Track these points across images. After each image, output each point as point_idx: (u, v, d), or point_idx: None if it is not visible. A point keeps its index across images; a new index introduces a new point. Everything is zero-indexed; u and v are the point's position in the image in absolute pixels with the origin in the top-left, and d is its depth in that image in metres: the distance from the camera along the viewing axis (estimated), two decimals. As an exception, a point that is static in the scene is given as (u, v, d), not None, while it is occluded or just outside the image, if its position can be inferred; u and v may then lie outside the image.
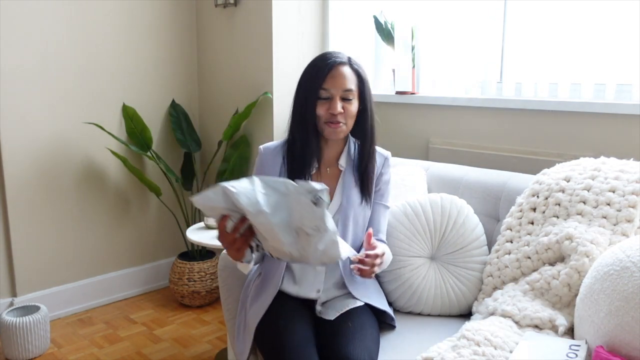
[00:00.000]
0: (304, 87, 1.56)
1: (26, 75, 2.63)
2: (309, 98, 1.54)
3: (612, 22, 2.01)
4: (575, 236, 1.51)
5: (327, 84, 1.53)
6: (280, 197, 1.26)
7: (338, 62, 1.54)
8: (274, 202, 1.26)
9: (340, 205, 1.61)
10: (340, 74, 1.53)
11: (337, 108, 1.52)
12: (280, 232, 1.28)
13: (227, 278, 1.82)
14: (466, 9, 2.42)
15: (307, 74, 1.57)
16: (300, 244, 1.30)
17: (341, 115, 1.54)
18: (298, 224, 1.27)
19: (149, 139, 2.94)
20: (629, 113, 1.93)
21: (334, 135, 1.57)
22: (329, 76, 1.52)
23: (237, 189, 1.24)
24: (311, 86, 1.54)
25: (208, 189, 1.28)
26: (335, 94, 1.53)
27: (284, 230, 1.28)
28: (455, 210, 1.77)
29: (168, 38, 3.11)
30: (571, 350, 1.27)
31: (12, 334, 2.40)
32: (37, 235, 2.75)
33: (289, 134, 1.62)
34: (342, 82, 1.53)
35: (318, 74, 1.53)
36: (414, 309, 1.76)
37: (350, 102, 1.55)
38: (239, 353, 1.65)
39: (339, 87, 1.53)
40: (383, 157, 1.71)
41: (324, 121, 1.55)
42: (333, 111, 1.53)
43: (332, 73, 1.52)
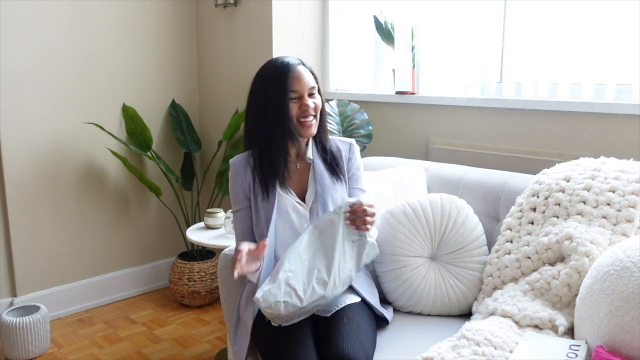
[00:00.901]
0: (272, 96, 1.59)
1: (26, 75, 2.63)
2: (281, 103, 1.58)
3: (612, 22, 2.01)
4: (575, 236, 1.51)
5: (295, 86, 1.59)
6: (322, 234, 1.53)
7: (296, 63, 1.61)
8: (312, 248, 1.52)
9: (316, 193, 1.66)
10: (302, 74, 1.61)
11: (309, 104, 1.60)
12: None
13: (227, 278, 1.82)
14: (466, 9, 2.42)
15: (268, 82, 1.60)
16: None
17: (312, 109, 1.61)
18: (341, 241, 1.51)
19: (149, 139, 2.94)
20: (629, 113, 1.93)
21: (309, 132, 1.64)
22: (293, 78, 1.59)
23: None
24: (279, 92, 1.58)
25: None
26: (303, 93, 1.60)
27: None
28: (455, 210, 1.77)
29: (168, 38, 3.11)
30: (571, 350, 1.27)
31: (12, 334, 2.40)
32: (37, 235, 2.75)
33: (252, 144, 1.66)
34: (305, 81, 1.61)
35: (282, 79, 1.58)
36: (414, 308, 1.76)
37: (316, 97, 1.64)
38: (237, 353, 1.65)
39: (305, 86, 1.60)
40: (347, 143, 1.77)
41: (298, 120, 1.61)
42: (306, 107, 1.60)
43: (294, 75, 1.59)
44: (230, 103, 3.07)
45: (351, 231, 1.53)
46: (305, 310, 1.49)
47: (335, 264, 1.49)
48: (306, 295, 1.45)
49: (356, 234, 1.53)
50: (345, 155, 1.74)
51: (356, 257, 1.55)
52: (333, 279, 1.49)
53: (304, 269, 1.47)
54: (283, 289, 1.43)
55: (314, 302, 1.47)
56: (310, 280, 1.47)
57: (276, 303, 1.42)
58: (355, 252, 1.55)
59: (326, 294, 1.48)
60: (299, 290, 1.45)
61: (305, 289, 1.46)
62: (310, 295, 1.46)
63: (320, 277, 1.48)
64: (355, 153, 1.76)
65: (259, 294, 1.42)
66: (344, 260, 1.51)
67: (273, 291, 1.42)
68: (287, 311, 1.44)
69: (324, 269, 1.49)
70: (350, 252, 1.54)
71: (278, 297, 1.42)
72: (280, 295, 1.42)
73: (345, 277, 1.53)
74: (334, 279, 1.49)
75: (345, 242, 1.52)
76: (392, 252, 1.75)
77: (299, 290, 1.44)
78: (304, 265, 1.48)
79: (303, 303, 1.45)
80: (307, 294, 1.46)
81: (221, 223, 2.48)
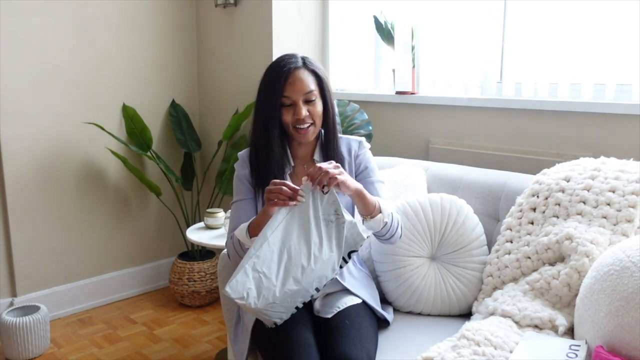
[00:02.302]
0: (265, 98, 1.57)
1: (26, 76, 2.63)
2: (272, 108, 1.55)
3: (612, 22, 2.01)
4: (575, 236, 1.51)
5: (288, 92, 1.54)
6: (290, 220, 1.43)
7: (293, 67, 1.55)
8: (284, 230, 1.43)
9: None
10: (298, 79, 1.55)
11: (301, 113, 1.55)
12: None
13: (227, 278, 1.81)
14: (466, 9, 2.42)
15: (265, 84, 1.58)
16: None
17: (308, 117, 1.57)
18: (315, 220, 1.43)
19: (149, 139, 2.94)
20: (628, 113, 1.93)
21: (304, 139, 1.60)
22: (288, 83, 1.54)
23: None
24: (272, 96, 1.55)
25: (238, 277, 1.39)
26: (297, 99, 1.55)
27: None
28: (455, 210, 1.77)
29: (168, 38, 3.11)
30: (571, 350, 1.27)
31: (12, 334, 2.40)
32: (37, 235, 2.75)
33: (251, 142, 1.64)
34: (301, 86, 1.55)
35: (276, 83, 1.54)
36: (414, 308, 1.76)
37: (314, 103, 1.58)
38: (237, 353, 1.65)
39: (300, 92, 1.55)
40: (357, 141, 1.73)
41: (292, 127, 1.58)
42: (298, 116, 1.55)
43: (289, 80, 1.54)
44: (230, 103, 3.07)
45: (326, 209, 1.43)
46: (287, 301, 1.40)
47: (310, 244, 1.41)
48: (279, 278, 1.38)
49: (333, 213, 1.43)
50: (355, 152, 1.71)
51: (336, 240, 1.44)
52: (310, 260, 1.40)
53: (272, 252, 1.39)
54: (251, 275, 1.36)
55: (291, 286, 1.39)
56: (280, 262, 1.39)
57: (247, 291, 1.35)
58: (335, 234, 1.44)
59: (302, 279, 1.39)
60: (269, 274, 1.37)
61: (277, 272, 1.38)
62: (284, 278, 1.38)
63: (293, 259, 1.40)
64: (364, 149, 1.73)
65: (227, 287, 1.35)
66: (319, 241, 1.42)
67: (240, 279, 1.36)
68: (264, 299, 1.36)
69: (297, 250, 1.40)
70: (328, 234, 1.44)
71: (247, 284, 1.35)
72: (249, 282, 1.36)
73: (326, 260, 1.42)
74: (311, 261, 1.40)
75: (321, 221, 1.43)
76: (392, 252, 1.75)
77: (268, 273, 1.37)
78: (272, 248, 1.39)
79: (276, 286, 1.37)
80: (280, 277, 1.38)
81: (221, 223, 2.48)
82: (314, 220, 1.43)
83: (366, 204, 1.52)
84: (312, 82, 1.57)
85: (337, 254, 1.45)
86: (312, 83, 1.57)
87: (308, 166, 1.68)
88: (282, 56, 1.61)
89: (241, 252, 1.55)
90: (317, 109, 1.59)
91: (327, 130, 1.66)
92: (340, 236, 1.44)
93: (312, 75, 1.58)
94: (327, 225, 1.45)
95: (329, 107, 1.63)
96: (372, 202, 1.53)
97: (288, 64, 1.56)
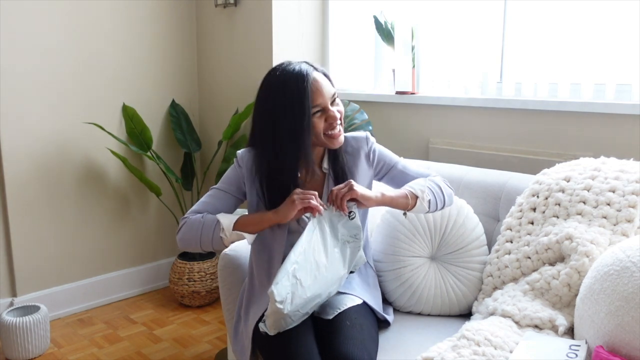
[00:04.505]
0: (291, 112, 1.45)
1: (26, 75, 2.63)
2: (303, 121, 1.44)
3: (612, 22, 2.01)
4: (575, 236, 1.51)
5: (318, 100, 1.47)
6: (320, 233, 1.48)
7: (311, 75, 1.47)
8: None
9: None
10: (321, 84, 1.48)
11: (335, 116, 1.50)
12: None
13: (227, 278, 1.82)
14: (466, 9, 2.42)
15: (287, 97, 1.45)
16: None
17: (339, 119, 1.53)
18: (335, 240, 1.50)
19: (149, 139, 2.94)
20: (628, 113, 1.93)
21: (338, 142, 1.54)
22: (314, 91, 1.46)
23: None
24: (300, 108, 1.44)
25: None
26: (327, 104, 1.49)
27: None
28: (455, 210, 1.77)
29: (168, 38, 3.11)
30: (571, 350, 1.27)
31: (12, 334, 2.40)
32: (37, 235, 2.75)
33: (265, 153, 1.52)
34: (327, 90, 1.50)
35: (301, 94, 1.44)
36: (414, 308, 1.77)
37: (338, 104, 1.55)
38: (237, 353, 1.65)
39: (328, 96, 1.49)
40: (364, 139, 1.67)
41: (325, 134, 1.51)
42: (333, 120, 1.50)
43: (313, 88, 1.46)
44: (230, 103, 3.07)
45: (349, 231, 1.51)
46: (306, 307, 1.46)
47: (330, 261, 1.47)
48: (309, 287, 1.42)
49: (353, 237, 1.51)
50: (365, 151, 1.65)
51: (349, 259, 1.53)
52: (328, 274, 1.46)
53: (307, 262, 1.43)
54: (291, 280, 1.39)
55: (313, 295, 1.44)
56: (311, 272, 1.43)
57: (287, 295, 1.38)
58: (349, 255, 1.52)
59: (323, 291, 1.46)
60: (304, 282, 1.41)
61: (308, 281, 1.42)
62: (311, 287, 1.43)
63: (321, 270, 1.45)
64: (372, 144, 1.67)
65: (273, 288, 1.36)
66: (334, 259, 1.49)
67: (285, 283, 1.38)
68: (295, 306, 1.40)
69: (322, 263, 1.46)
70: (343, 253, 1.51)
71: (287, 288, 1.38)
72: (289, 287, 1.39)
73: (337, 277, 1.50)
74: (328, 275, 1.46)
75: (339, 241, 1.50)
76: (392, 252, 1.75)
77: (303, 281, 1.41)
78: (307, 257, 1.43)
79: (307, 294, 1.41)
80: (309, 286, 1.42)
81: (221, 223, 2.47)
82: (334, 239, 1.49)
83: (398, 203, 1.54)
84: (329, 85, 1.53)
85: (346, 272, 1.53)
86: (330, 85, 1.53)
87: (317, 174, 1.60)
88: (289, 66, 1.50)
89: (208, 233, 1.48)
90: (341, 109, 1.55)
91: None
92: (353, 257, 1.53)
93: (325, 77, 1.54)
94: (344, 245, 1.51)
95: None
96: (403, 197, 1.54)
97: (303, 72, 1.47)
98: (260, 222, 1.49)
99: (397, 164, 1.69)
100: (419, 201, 1.55)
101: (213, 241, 1.50)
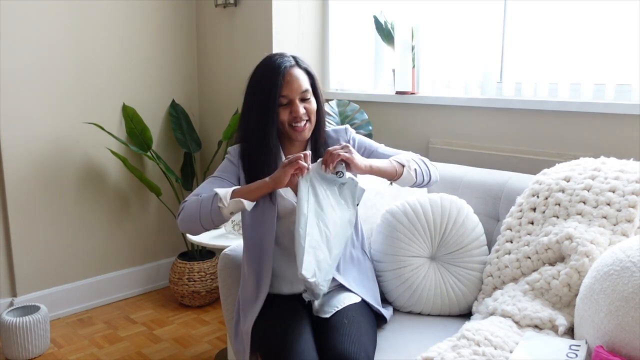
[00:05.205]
0: (260, 97, 1.56)
1: (26, 75, 2.63)
2: (269, 107, 1.54)
3: (612, 22, 2.01)
4: (575, 236, 1.51)
5: (285, 91, 1.55)
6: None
7: (289, 66, 1.56)
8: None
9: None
10: (295, 78, 1.56)
11: (299, 111, 1.56)
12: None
13: (227, 278, 1.82)
14: (466, 9, 2.42)
15: (260, 84, 1.57)
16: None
17: (304, 115, 1.58)
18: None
19: (149, 139, 2.94)
20: (628, 113, 1.93)
21: (301, 136, 1.61)
22: (285, 82, 1.54)
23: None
24: (269, 96, 1.54)
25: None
26: (294, 98, 1.56)
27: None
28: (455, 210, 1.77)
29: (168, 38, 3.11)
30: (571, 350, 1.27)
31: (12, 334, 2.40)
32: (37, 235, 2.75)
33: (242, 140, 1.63)
34: (298, 85, 1.56)
35: (272, 83, 1.53)
36: (414, 308, 1.76)
37: (309, 101, 1.59)
38: (237, 353, 1.65)
39: (297, 91, 1.56)
40: (343, 130, 1.74)
41: (289, 125, 1.58)
42: (296, 114, 1.56)
43: (286, 79, 1.54)
44: (230, 103, 3.07)
45: (331, 178, 1.50)
46: (333, 268, 1.50)
47: (333, 214, 1.49)
48: (326, 249, 1.46)
49: (334, 177, 1.50)
50: (345, 140, 1.71)
51: (351, 198, 1.54)
52: (336, 225, 1.49)
53: (313, 227, 1.45)
54: (312, 253, 1.42)
55: (334, 252, 1.49)
56: (322, 235, 1.46)
57: (315, 269, 1.42)
58: (349, 194, 1.54)
59: (337, 244, 1.50)
60: (321, 247, 1.45)
61: (324, 244, 1.46)
62: (328, 248, 1.47)
63: (330, 228, 1.48)
64: (352, 134, 1.74)
65: (302, 271, 1.39)
66: (337, 208, 1.50)
67: (308, 259, 1.41)
68: (325, 273, 1.44)
69: (329, 220, 1.48)
70: (342, 196, 1.53)
71: (312, 263, 1.42)
72: (313, 260, 1.42)
73: (345, 220, 1.53)
74: (338, 225, 1.50)
75: (329, 189, 1.50)
76: (392, 252, 1.75)
77: (318, 247, 1.45)
78: (312, 223, 1.45)
79: (328, 256, 1.46)
80: (325, 247, 1.46)
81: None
82: (329, 189, 1.50)
83: (386, 171, 1.57)
84: (306, 81, 1.59)
85: (353, 210, 1.55)
86: (306, 82, 1.59)
87: None
88: (273, 55, 1.60)
89: (206, 207, 1.49)
90: (312, 107, 1.60)
91: (318, 127, 1.67)
92: (354, 194, 1.54)
93: (305, 73, 1.60)
94: (340, 188, 1.53)
95: (320, 104, 1.65)
96: (390, 166, 1.58)
97: (282, 62, 1.56)
98: (257, 189, 1.50)
99: (378, 148, 1.75)
100: (405, 169, 1.59)
101: (212, 214, 1.49)
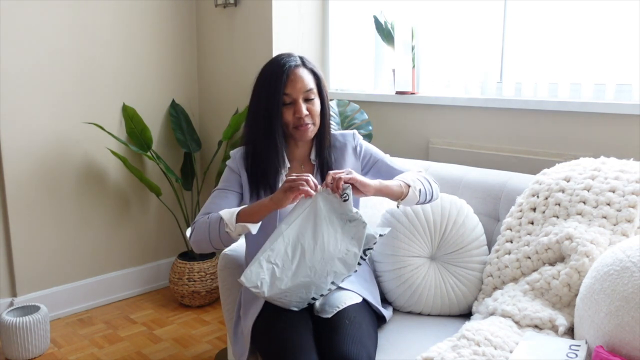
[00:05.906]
0: (265, 96, 1.57)
1: (26, 75, 2.63)
2: (273, 106, 1.55)
3: (612, 22, 2.01)
4: (575, 236, 1.51)
5: (288, 89, 1.56)
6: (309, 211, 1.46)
7: (294, 65, 1.57)
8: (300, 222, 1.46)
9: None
10: (299, 77, 1.57)
11: (302, 111, 1.57)
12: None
13: (227, 278, 1.82)
14: (466, 9, 2.42)
15: (265, 83, 1.58)
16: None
17: (307, 117, 1.58)
18: (329, 221, 1.47)
19: (149, 139, 2.94)
20: (629, 113, 1.93)
21: (304, 137, 1.61)
22: (289, 81, 1.55)
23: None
24: (272, 94, 1.55)
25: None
26: (297, 97, 1.57)
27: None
28: (455, 210, 1.77)
29: (168, 38, 3.11)
30: (571, 350, 1.27)
31: (12, 334, 2.40)
32: (37, 235, 2.75)
33: (247, 142, 1.64)
34: (302, 84, 1.57)
35: (277, 81, 1.54)
36: (414, 308, 1.77)
37: (313, 102, 1.60)
38: (237, 353, 1.65)
39: (300, 90, 1.57)
40: (351, 135, 1.75)
41: (292, 126, 1.59)
42: (299, 115, 1.56)
43: (290, 78, 1.55)
44: (230, 103, 3.07)
45: (345, 212, 1.47)
46: (301, 292, 1.46)
47: (324, 242, 1.45)
48: (291, 270, 1.43)
49: (351, 216, 1.47)
50: (358, 148, 1.72)
51: (356, 238, 1.49)
52: (323, 257, 1.45)
53: (286, 246, 1.44)
54: (265, 266, 1.42)
55: (303, 278, 1.44)
56: (294, 256, 1.44)
57: (261, 280, 1.42)
58: (355, 233, 1.48)
59: (314, 273, 1.44)
60: (283, 266, 1.43)
61: (290, 264, 1.43)
62: (296, 271, 1.43)
63: (307, 254, 1.44)
64: (360, 141, 1.75)
65: (242, 277, 1.42)
66: (334, 240, 1.47)
67: (254, 270, 1.42)
68: (276, 288, 1.42)
69: (310, 246, 1.45)
70: (346, 233, 1.48)
71: (261, 274, 1.42)
72: (263, 272, 1.42)
73: (342, 256, 1.47)
74: (324, 257, 1.45)
75: (337, 221, 1.47)
76: (392, 252, 1.75)
77: (281, 265, 1.43)
78: (286, 242, 1.44)
79: (288, 277, 1.43)
80: (292, 269, 1.43)
81: (221, 223, 2.47)
82: (329, 222, 1.47)
83: (393, 191, 1.56)
84: (311, 81, 1.60)
85: (358, 250, 1.49)
86: (311, 82, 1.59)
87: (305, 166, 1.68)
88: (280, 55, 1.62)
89: (215, 230, 1.51)
90: (316, 108, 1.61)
91: (322, 129, 1.66)
92: (361, 235, 1.49)
93: (311, 74, 1.61)
94: (345, 225, 1.49)
95: (325, 106, 1.65)
96: (397, 187, 1.57)
97: (288, 62, 1.57)
98: (259, 210, 1.50)
99: (383, 158, 1.76)
100: (411, 190, 1.59)
101: (221, 238, 1.53)
